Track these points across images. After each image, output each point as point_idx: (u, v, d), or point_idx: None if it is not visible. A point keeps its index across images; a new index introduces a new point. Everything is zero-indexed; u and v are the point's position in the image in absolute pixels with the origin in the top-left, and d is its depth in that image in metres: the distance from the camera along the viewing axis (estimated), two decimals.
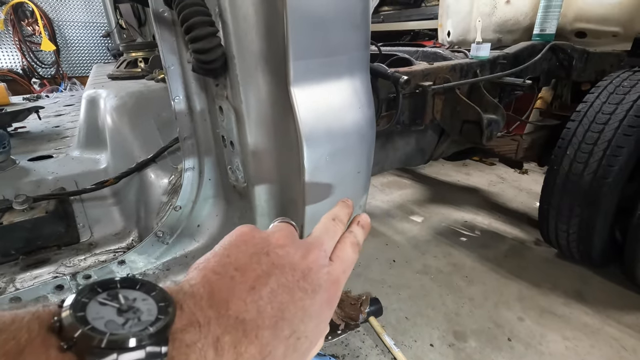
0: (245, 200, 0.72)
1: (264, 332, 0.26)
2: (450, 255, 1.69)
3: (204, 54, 0.51)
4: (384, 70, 0.96)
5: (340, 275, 0.35)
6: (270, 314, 0.27)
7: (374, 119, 0.61)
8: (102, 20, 4.67)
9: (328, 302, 0.32)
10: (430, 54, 1.44)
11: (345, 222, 0.41)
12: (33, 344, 0.19)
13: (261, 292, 0.28)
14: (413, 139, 1.40)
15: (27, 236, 0.91)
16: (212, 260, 0.30)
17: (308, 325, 0.29)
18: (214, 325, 0.25)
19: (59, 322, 0.20)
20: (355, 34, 0.55)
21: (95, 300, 0.22)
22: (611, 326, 1.28)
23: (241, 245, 0.31)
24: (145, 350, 0.20)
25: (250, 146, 0.61)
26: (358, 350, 1.20)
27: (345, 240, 0.38)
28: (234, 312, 0.26)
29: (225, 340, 0.25)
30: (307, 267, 0.31)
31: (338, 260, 0.35)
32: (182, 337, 0.23)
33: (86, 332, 0.19)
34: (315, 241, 0.35)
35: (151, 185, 0.99)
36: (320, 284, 0.31)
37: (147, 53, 1.71)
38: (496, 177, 2.56)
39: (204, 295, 0.26)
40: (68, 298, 0.21)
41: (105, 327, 0.20)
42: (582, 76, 1.56)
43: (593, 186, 1.27)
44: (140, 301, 0.23)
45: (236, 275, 0.28)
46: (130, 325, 0.21)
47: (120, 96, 1.17)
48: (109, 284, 0.23)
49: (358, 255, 0.38)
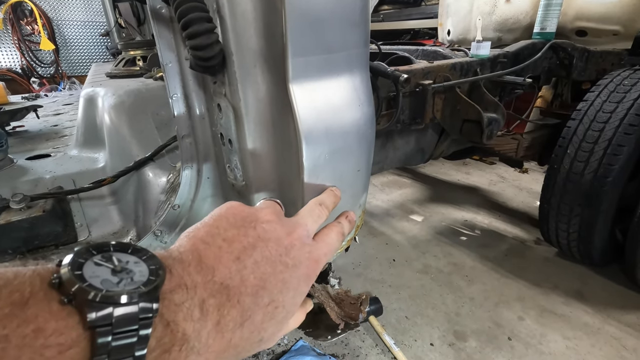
0: (244, 199, 0.72)
1: (245, 299, 0.29)
2: (451, 254, 1.69)
3: (202, 50, 0.51)
4: (384, 69, 0.95)
5: (321, 256, 0.37)
6: (252, 283, 0.30)
7: (374, 117, 0.60)
8: (101, 19, 4.66)
9: (306, 278, 0.34)
10: (431, 53, 1.44)
11: (330, 209, 0.44)
12: (36, 296, 0.20)
13: (245, 262, 0.30)
14: (413, 138, 1.40)
15: (25, 235, 0.91)
16: (202, 230, 0.32)
17: (286, 296, 0.32)
18: (200, 289, 0.27)
19: (58, 279, 0.22)
20: (354, 31, 0.54)
21: (91, 260, 0.23)
22: (612, 325, 1.27)
23: (230, 217, 0.33)
24: (138, 306, 0.22)
25: (249, 144, 0.61)
26: (358, 349, 1.19)
27: (332, 227, 0.41)
28: (219, 278, 0.28)
29: (210, 302, 0.27)
30: (290, 243, 0.34)
31: (321, 242, 0.38)
32: (171, 297, 0.25)
33: (84, 288, 0.21)
34: (300, 220, 0.38)
35: (149, 184, 0.99)
36: (301, 260, 0.34)
37: (145, 51, 1.70)
38: (496, 176, 2.56)
39: (191, 261, 0.28)
40: (65, 258, 0.23)
41: (101, 285, 0.22)
42: (583, 75, 1.55)
43: (594, 185, 1.27)
44: (133, 264, 0.24)
45: (223, 245, 0.30)
46: (124, 284, 0.23)
47: (119, 95, 1.16)
48: (102, 247, 0.25)
49: (341, 244, 0.41)
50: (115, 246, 0.25)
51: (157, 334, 0.23)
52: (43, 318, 0.20)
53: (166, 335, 0.24)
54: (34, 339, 0.19)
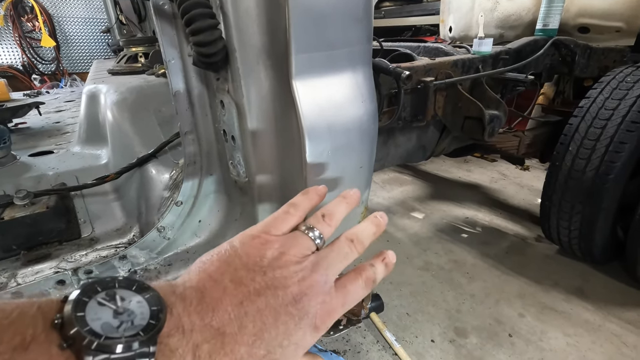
0: (247, 196, 0.72)
1: (240, 348, 0.28)
2: (452, 252, 1.69)
3: (205, 46, 0.51)
4: (386, 66, 0.95)
5: (337, 307, 0.34)
6: (251, 332, 0.29)
7: (376, 113, 0.60)
8: (102, 16, 4.65)
9: (314, 330, 0.32)
10: (432, 50, 1.44)
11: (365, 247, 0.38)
12: (37, 340, 0.21)
13: (247, 309, 0.29)
14: (414, 135, 1.40)
15: (28, 231, 0.91)
16: (214, 265, 0.31)
17: (285, 350, 0.30)
18: (196, 333, 0.27)
19: (60, 319, 0.22)
20: (357, 27, 0.54)
21: (94, 299, 0.24)
22: (612, 322, 1.28)
23: (243, 257, 0.32)
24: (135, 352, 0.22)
25: (252, 141, 0.61)
26: (359, 345, 1.20)
27: (362, 273, 0.36)
28: (217, 322, 0.28)
29: (204, 348, 0.26)
30: (300, 292, 0.31)
31: (341, 292, 0.34)
32: (167, 341, 0.25)
33: (83, 334, 0.21)
34: (321, 262, 0.34)
35: (152, 181, 0.99)
36: (309, 312, 0.31)
37: (147, 48, 1.70)
38: (497, 173, 2.56)
39: (193, 300, 0.28)
40: (72, 294, 0.24)
41: (102, 330, 0.22)
42: (585, 72, 1.54)
43: (595, 183, 1.26)
44: (135, 304, 0.25)
45: (229, 287, 0.30)
46: (124, 328, 0.23)
47: (121, 91, 1.16)
48: (108, 283, 0.26)
49: (367, 292, 0.36)
50: (121, 282, 0.26)
51: None
52: None
53: None
54: None
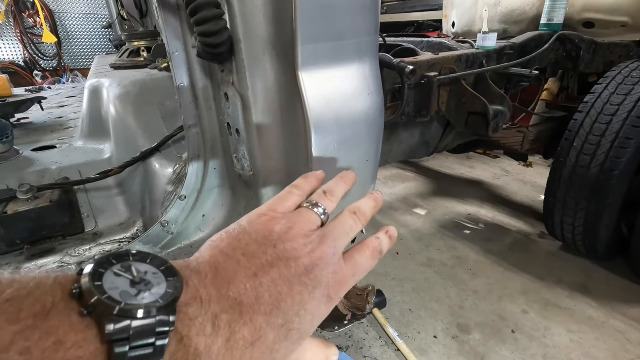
0: (252, 190, 0.72)
1: (258, 317, 0.28)
2: (454, 248, 1.69)
3: (210, 37, 0.50)
4: (390, 60, 0.95)
5: (348, 277, 0.34)
6: (267, 302, 0.29)
7: (383, 106, 0.60)
8: (104, 11, 4.64)
9: (327, 300, 0.32)
10: (436, 45, 1.42)
11: (368, 219, 0.39)
12: (57, 308, 0.21)
13: (262, 280, 0.29)
14: (418, 131, 1.39)
15: (32, 226, 0.91)
16: (225, 242, 0.32)
17: (303, 319, 0.30)
18: (214, 303, 0.27)
19: (79, 289, 0.22)
20: (365, 18, 0.53)
21: (111, 271, 0.24)
22: (616, 319, 1.27)
23: (253, 233, 0.32)
24: (155, 319, 0.22)
25: (257, 134, 0.61)
26: (362, 341, 1.20)
27: (369, 244, 0.37)
28: (234, 293, 0.28)
29: (223, 318, 0.26)
30: (311, 262, 0.32)
31: (351, 262, 0.35)
32: (186, 310, 0.25)
33: (104, 301, 0.21)
34: (327, 235, 0.35)
35: (156, 175, 0.99)
36: (321, 281, 0.32)
37: (149, 42, 1.69)
38: (500, 170, 2.55)
39: (208, 273, 0.28)
40: (87, 267, 0.23)
41: (120, 297, 0.22)
42: (590, 67, 1.53)
43: (600, 179, 1.26)
44: (151, 274, 0.25)
45: (242, 260, 0.30)
46: (143, 297, 0.23)
47: (124, 85, 1.16)
48: (122, 256, 0.25)
49: (375, 263, 0.37)
50: (135, 255, 0.26)
51: (171, 348, 0.23)
52: (63, 330, 0.20)
53: (179, 350, 0.24)
54: (55, 352, 0.19)
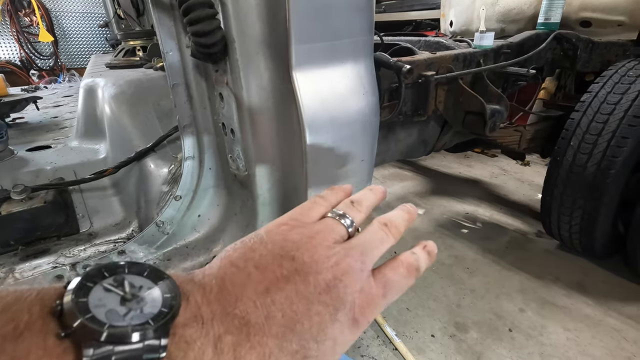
0: (247, 190, 0.71)
1: (268, 340, 0.24)
2: (452, 247, 1.69)
3: (203, 37, 0.50)
4: (387, 60, 0.94)
5: (378, 298, 0.29)
6: (280, 323, 0.25)
7: (378, 105, 0.59)
8: (100, 10, 4.62)
9: (352, 324, 0.28)
10: (433, 44, 1.42)
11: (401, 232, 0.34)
12: (32, 328, 0.19)
13: (275, 297, 0.26)
14: (415, 130, 1.39)
15: (26, 226, 0.90)
16: (238, 251, 0.28)
17: (321, 346, 0.26)
18: (217, 323, 0.23)
19: (60, 306, 0.20)
20: (359, 17, 0.53)
21: (100, 285, 0.21)
22: (612, 317, 1.28)
23: (269, 243, 0.29)
24: (143, 343, 0.19)
25: (252, 134, 0.60)
26: (359, 340, 1.20)
27: (403, 260, 0.32)
28: (241, 311, 0.24)
29: (227, 340, 0.23)
30: (334, 277, 0.27)
31: (381, 281, 0.30)
32: (182, 332, 0.22)
33: (84, 322, 0.19)
34: (354, 247, 0.30)
35: (151, 175, 0.98)
36: (345, 301, 0.27)
37: (145, 41, 1.69)
38: (498, 169, 2.55)
39: (214, 288, 0.25)
40: (74, 280, 0.21)
41: (106, 318, 0.20)
42: (587, 66, 1.53)
43: (597, 177, 1.26)
44: (146, 290, 0.22)
45: (254, 273, 0.26)
46: (132, 317, 0.20)
47: (119, 85, 1.15)
48: (116, 268, 0.23)
49: (413, 282, 0.32)
50: (131, 267, 0.23)
51: None
52: (35, 355, 0.18)
53: None
54: None
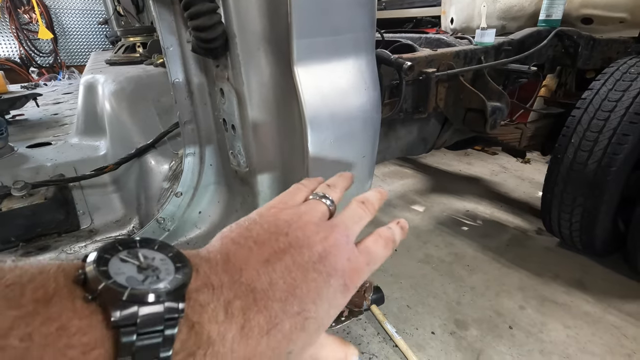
0: (248, 186, 0.71)
1: (272, 304, 0.27)
2: (452, 244, 1.69)
3: (204, 31, 0.50)
4: (387, 56, 0.94)
5: (362, 266, 0.33)
6: (282, 288, 0.28)
7: (379, 101, 0.59)
8: (100, 7, 4.61)
9: (343, 289, 0.32)
10: (434, 41, 1.42)
11: (376, 209, 0.40)
12: (60, 293, 0.20)
13: (275, 266, 0.29)
14: (415, 128, 1.39)
15: (27, 223, 0.90)
16: (235, 232, 0.31)
17: (319, 307, 0.29)
18: (226, 290, 0.26)
19: (83, 275, 0.21)
20: (361, 12, 0.53)
21: (116, 257, 0.23)
22: (612, 315, 1.28)
23: (264, 224, 0.32)
24: (164, 305, 0.21)
25: (253, 130, 0.60)
26: (360, 338, 1.20)
27: (381, 233, 0.37)
28: (246, 279, 0.27)
29: (236, 304, 0.26)
30: (325, 249, 0.31)
31: (365, 251, 0.35)
32: (196, 296, 0.24)
33: (109, 286, 0.20)
34: (339, 224, 0.34)
35: (151, 172, 0.98)
36: (336, 269, 0.31)
37: (145, 38, 1.68)
38: (498, 166, 2.55)
39: (219, 261, 0.28)
40: (91, 254, 0.22)
41: (126, 282, 0.21)
42: (588, 63, 1.53)
43: (597, 175, 1.26)
44: (159, 261, 0.24)
45: (254, 248, 0.30)
46: (150, 282, 0.22)
47: (119, 81, 1.15)
48: (129, 243, 0.24)
49: (389, 254, 0.37)
50: (142, 242, 0.25)
51: (182, 336, 0.22)
52: (67, 316, 0.19)
53: (191, 337, 0.23)
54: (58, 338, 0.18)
